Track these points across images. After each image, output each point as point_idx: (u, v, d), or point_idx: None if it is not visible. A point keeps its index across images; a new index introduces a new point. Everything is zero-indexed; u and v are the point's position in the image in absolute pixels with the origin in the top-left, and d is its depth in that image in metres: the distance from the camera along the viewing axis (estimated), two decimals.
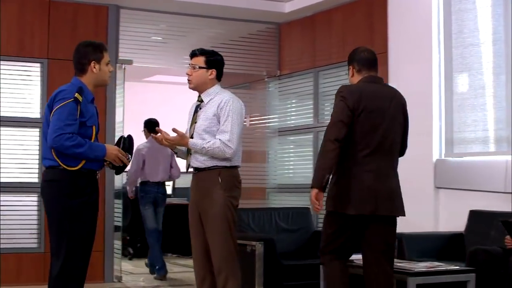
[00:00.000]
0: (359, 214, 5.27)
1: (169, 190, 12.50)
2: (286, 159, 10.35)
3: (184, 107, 8.91)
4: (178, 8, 9.69)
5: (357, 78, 5.53)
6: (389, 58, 8.50)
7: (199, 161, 5.76)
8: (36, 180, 8.74)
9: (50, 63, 8.96)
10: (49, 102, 5.19)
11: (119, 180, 9.46)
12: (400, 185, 7.70)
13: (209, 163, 5.72)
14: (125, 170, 5.56)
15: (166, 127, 5.87)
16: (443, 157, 7.95)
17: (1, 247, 8.66)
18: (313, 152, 9.43)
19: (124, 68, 9.46)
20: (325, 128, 7.99)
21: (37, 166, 8.83)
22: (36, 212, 8.85)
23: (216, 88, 5.88)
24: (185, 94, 9.54)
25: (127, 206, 10.77)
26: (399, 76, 8.37)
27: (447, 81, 7.96)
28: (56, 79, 8.93)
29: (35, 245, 8.85)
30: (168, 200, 12.04)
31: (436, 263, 6.16)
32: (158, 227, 9.96)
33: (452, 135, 7.91)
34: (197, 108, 5.88)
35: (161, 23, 10.02)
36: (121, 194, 9.57)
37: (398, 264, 6.03)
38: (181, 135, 5.68)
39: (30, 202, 8.84)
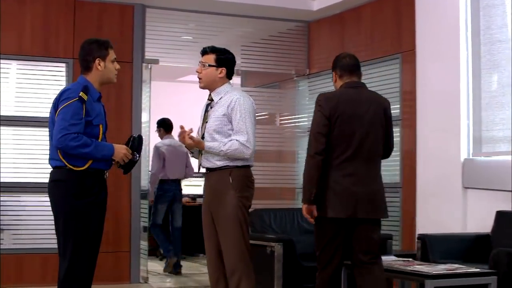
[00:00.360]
0: (338, 218, 5.43)
1: (200, 190, 12.48)
2: None
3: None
4: (206, 7, 9.61)
5: (339, 84, 5.69)
6: (417, 55, 8.33)
7: (210, 161, 5.68)
8: None
9: (76, 63, 8.85)
10: (54, 101, 5.14)
11: (146, 181, 9.41)
12: (429, 184, 7.60)
13: (220, 163, 5.64)
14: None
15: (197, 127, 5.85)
16: (471, 157, 7.75)
17: (27, 247, 8.67)
18: None
19: (150, 68, 9.41)
20: None
21: None
22: None
23: (226, 87, 5.77)
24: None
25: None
26: (426, 74, 8.20)
27: (475, 79, 7.75)
28: None
29: None
30: (200, 200, 12.04)
31: (456, 266, 5.96)
32: (178, 224, 10.31)
33: (481, 133, 7.71)
34: (208, 107, 5.78)
35: (190, 23, 9.94)
36: (147, 194, 9.53)
37: (416, 266, 5.88)
38: (197, 141, 5.61)
39: None
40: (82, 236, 5.07)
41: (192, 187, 12.47)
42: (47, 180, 8.39)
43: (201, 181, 12.04)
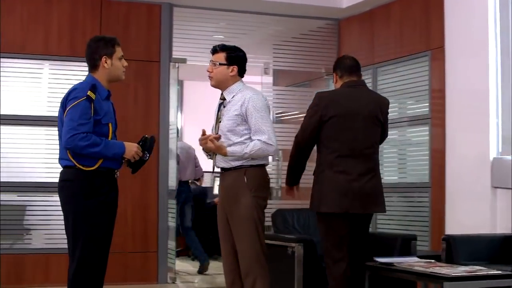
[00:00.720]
0: (333, 213, 5.67)
1: None
2: None
3: None
4: (236, 5, 9.56)
5: (339, 84, 5.89)
6: (446, 52, 8.15)
7: (225, 161, 5.61)
8: None
9: None
10: (62, 101, 5.11)
11: (173, 180, 9.34)
12: (458, 183, 7.71)
13: (235, 162, 5.57)
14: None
15: None
16: (500, 156, 7.55)
17: (55, 247, 8.65)
18: None
19: (178, 67, 9.35)
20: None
21: None
22: None
23: (238, 85, 5.68)
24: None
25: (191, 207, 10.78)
26: (455, 71, 8.02)
27: (504, 76, 7.55)
28: None
29: None
30: None
31: (478, 267, 5.78)
32: (189, 224, 10.43)
33: (510, 132, 7.51)
34: (220, 106, 5.70)
35: (221, 21, 9.87)
36: (175, 193, 9.48)
37: (436, 268, 5.72)
38: (218, 146, 5.54)
39: None
40: (91, 236, 5.02)
41: None
42: None
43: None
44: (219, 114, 5.69)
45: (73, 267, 5.04)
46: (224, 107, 5.67)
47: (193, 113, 12.98)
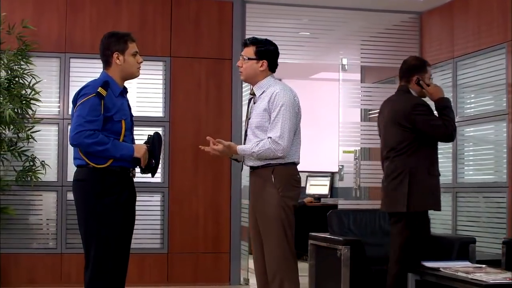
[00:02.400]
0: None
1: (325, 190, 12.17)
2: None
3: (333, 104, 9.48)
4: (312, 1, 9.32)
5: None
6: None
7: (252, 160, 5.41)
8: (159, 180, 8.67)
9: (173, 61, 8.87)
10: (74, 98, 5.05)
11: (246, 178, 9.19)
12: None
13: (262, 161, 5.35)
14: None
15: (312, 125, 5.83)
16: None
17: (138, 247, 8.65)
18: (451, 149, 8.72)
19: None
20: (464, 122, 8.50)
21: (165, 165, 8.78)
22: (159, 212, 8.78)
23: (268, 80, 5.46)
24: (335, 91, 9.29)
25: None
26: None
27: None
28: (179, 77, 8.85)
29: (158, 245, 8.77)
30: (324, 201, 11.74)
31: None
32: None
33: None
34: (250, 102, 5.52)
35: (304, 18, 9.66)
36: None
37: (477, 274, 5.36)
38: (227, 146, 5.38)
39: (154, 202, 8.78)
40: (104, 237, 4.91)
41: (318, 186, 12.19)
42: (147, 180, 8.22)
43: (326, 181, 11.81)
44: (248, 110, 5.51)
45: (89, 268, 4.95)
46: (254, 103, 5.48)
47: None
